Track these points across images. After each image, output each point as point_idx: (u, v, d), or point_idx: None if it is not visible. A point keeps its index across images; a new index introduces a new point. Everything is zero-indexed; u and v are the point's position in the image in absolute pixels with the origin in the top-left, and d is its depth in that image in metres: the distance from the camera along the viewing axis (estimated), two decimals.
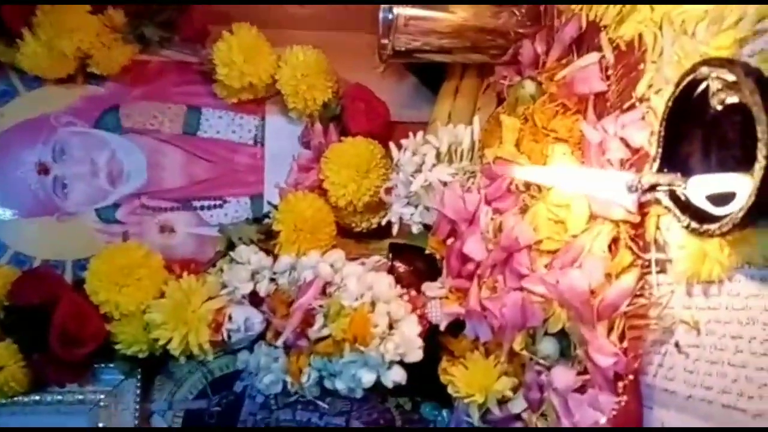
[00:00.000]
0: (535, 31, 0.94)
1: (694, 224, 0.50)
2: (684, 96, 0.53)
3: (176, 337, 0.99)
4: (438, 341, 0.94)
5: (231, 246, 1.10)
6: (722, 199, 0.49)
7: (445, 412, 1.08)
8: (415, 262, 1.04)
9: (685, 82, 0.52)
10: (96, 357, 1.07)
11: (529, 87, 0.85)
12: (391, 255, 1.05)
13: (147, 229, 1.19)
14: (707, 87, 0.50)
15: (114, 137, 1.20)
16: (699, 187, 0.51)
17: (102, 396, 1.09)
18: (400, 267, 1.04)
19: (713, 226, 0.48)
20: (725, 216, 0.47)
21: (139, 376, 1.10)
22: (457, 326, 0.91)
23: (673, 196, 0.54)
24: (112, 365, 1.09)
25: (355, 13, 1.20)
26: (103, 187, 1.19)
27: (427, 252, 0.99)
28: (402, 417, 1.16)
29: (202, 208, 1.21)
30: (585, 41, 0.80)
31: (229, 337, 1.00)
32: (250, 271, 1.02)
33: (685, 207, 0.52)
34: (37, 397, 1.07)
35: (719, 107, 0.49)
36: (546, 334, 0.75)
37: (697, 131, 0.52)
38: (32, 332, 1.03)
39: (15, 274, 1.08)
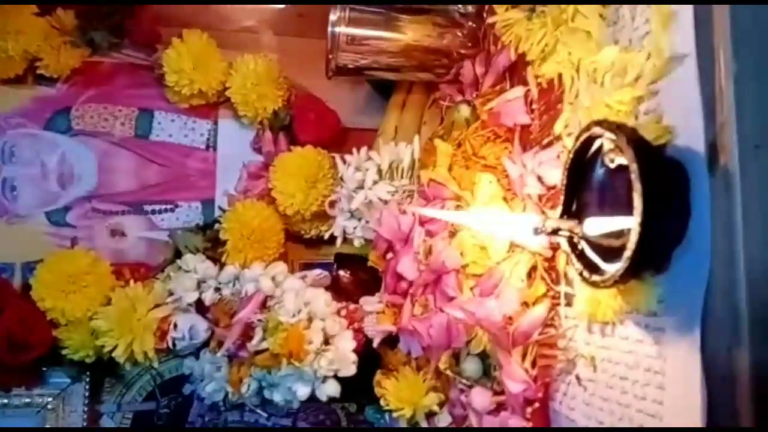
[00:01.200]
0: (475, 52, 0.96)
1: (585, 273, 0.54)
2: (583, 149, 0.55)
3: (121, 345, 1.01)
4: (376, 351, 0.97)
5: (179, 254, 1.12)
6: (612, 251, 0.52)
7: (387, 416, 1.12)
8: (359, 272, 1.07)
9: (583, 137, 0.54)
10: (43, 361, 1.08)
11: (464, 111, 0.88)
12: (336, 265, 1.08)
13: (97, 233, 1.20)
14: (602, 144, 0.53)
15: (64, 139, 1.20)
16: (591, 238, 0.54)
17: (50, 399, 1.11)
18: (345, 277, 1.07)
19: (599, 278, 0.51)
20: (608, 271, 0.50)
21: (87, 379, 1.12)
22: (394, 337, 0.94)
23: (572, 243, 0.57)
24: (59, 368, 1.10)
25: (308, 19, 1.21)
26: (53, 190, 1.19)
27: (369, 263, 1.02)
28: (348, 418, 1.20)
29: (153, 212, 1.22)
30: (516, 71, 0.82)
31: (174, 345, 1.02)
32: (196, 280, 1.04)
33: (581, 254, 0.55)
34: None
35: (611, 165, 0.52)
36: (469, 354, 0.79)
37: (593, 183, 0.55)
38: None
39: None
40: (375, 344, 0.90)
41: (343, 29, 0.93)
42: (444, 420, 0.84)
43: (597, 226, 0.54)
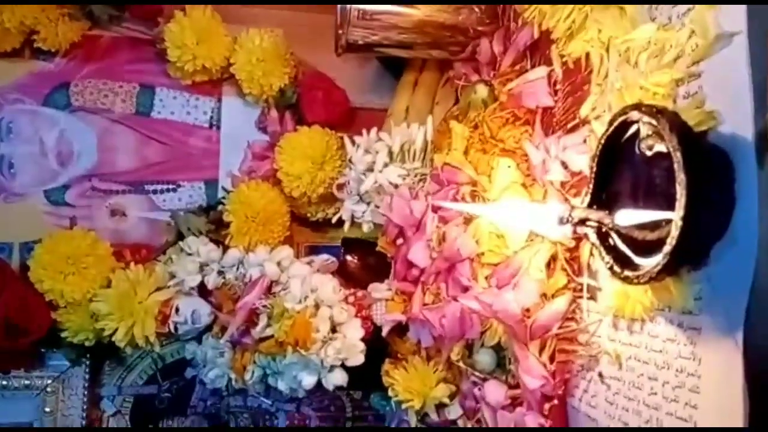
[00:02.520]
0: (493, 29, 0.91)
1: (616, 267, 0.50)
2: (616, 135, 0.52)
3: (122, 329, 0.98)
4: (385, 339, 0.94)
5: (181, 236, 1.09)
6: (646, 244, 0.49)
7: (392, 403, 1.10)
8: (367, 257, 1.04)
9: (617, 122, 0.51)
10: (42, 343, 1.06)
11: (482, 91, 0.84)
12: (343, 249, 1.05)
13: (97, 213, 1.16)
14: (638, 130, 0.49)
15: (63, 116, 1.17)
16: (622, 230, 0.51)
17: (49, 381, 1.08)
18: (352, 262, 1.04)
19: (632, 274, 0.48)
20: (644, 266, 0.47)
21: (87, 362, 1.09)
22: (403, 325, 0.91)
23: (601, 234, 0.53)
24: (59, 351, 1.08)
25: None
26: (52, 168, 1.16)
27: (378, 249, 0.99)
28: (352, 404, 1.18)
29: (154, 191, 1.19)
30: (538, 49, 0.78)
31: (176, 329, 0.99)
32: (199, 264, 1.01)
33: (611, 247, 0.52)
34: None
35: (648, 152, 0.48)
36: (483, 346, 0.76)
37: (627, 171, 0.52)
38: None
39: None
40: (384, 333, 0.87)
41: (355, 4, 0.88)
42: (454, 412, 0.82)
43: (630, 217, 0.50)
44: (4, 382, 1.07)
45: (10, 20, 1.05)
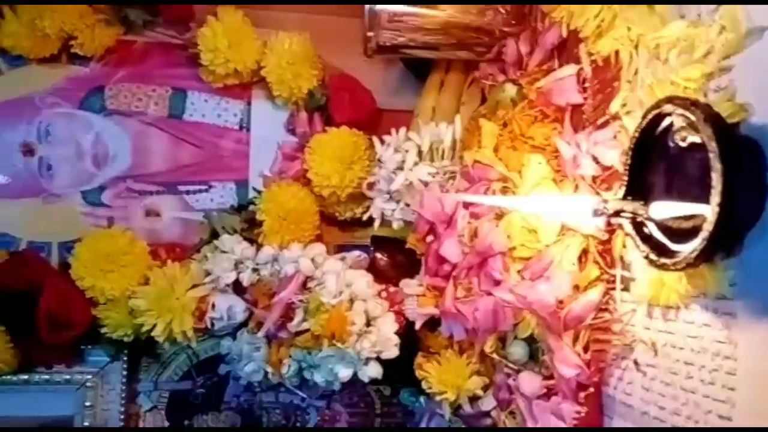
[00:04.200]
0: (519, 30, 0.93)
1: (652, 255, 0.52)
2: (650, 127, 0.54)
3: (160, 324, 1.01)
4: (415, 334, 0.96)
5: (215, 234, 1.12)
6: (681, 233, 0.50)
7: (422, 399, 1.12)
8: (396, 255, 1.06)
9: (651, 115, 0.53)
10: (82, 339, 1.09)
11: (510, 90, 0.86)
12: (372, 247, 1.07)
13: (132, 213, 1.20)
14: (671, 122, 0.51)
15: (99, 119, 1.20)
16: (659, 220, 0.52)
17: (89, 376, 1.12)
18: (382, 259, 1.06)
19: (669, 261, 0.50)
20: (680, 253, 0.49)
21: (125, 358, 1.13)
22: (434, 320, 0.93)
23: (636, 224, 0.55)
24: (98, 347, 1.11)
25: None
26: (89, 170, 1.19)
27: (407, 246, 1.01)
28: (381, 401, 1.20)
29: (187, 192, 1.22)
30: (566, 49, 0.80)
31: (213, 324, 1.02)
32: (234, 261, 1.03)
33: (646, 236, 0.54)
34: (26, 377, 1.10)
35: (682, 143, 0.50)
36: (516, 338, 0.78)
37: (661, 163, 0.54)
38: (19, 315, 1.04)
39: (2, 257, 1.09)
40: (417, 327, 0.89)
41: (385, 6, 0.91)
42: (488, 403, 0.84)
43: (665, 206, 0.52)
44: (47, 377, 1.11)
45: (50, 26, 1.09)
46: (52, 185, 1.18)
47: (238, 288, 1.05)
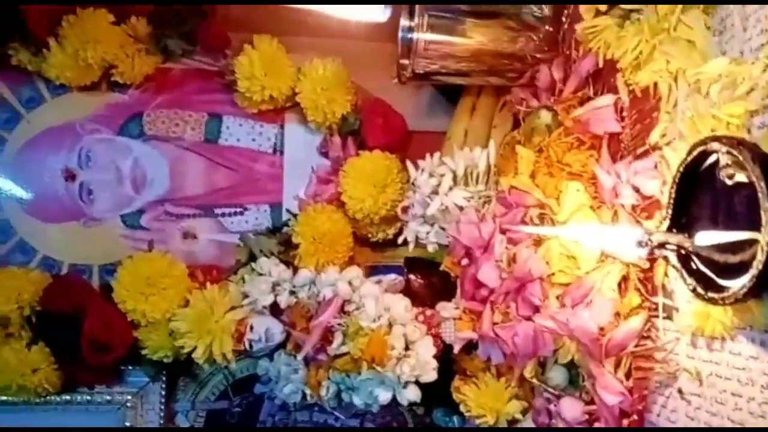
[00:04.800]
0: (552, 56, 0.95)
1: (699, 289, 0.53)
2: (695, 163, 0.55)
3: (200, 346, 1.04)
4: (451, 355, 0.98)
5: (252, 257, 1.14)
6: (727, 267, 0.51)
7: (456, 418, 1.13)
8: (430, 276, 1.07)
9: (696, 152, 0.54)
10: (123, 360, 1.12)
11: (545, 117, 0.87)
12: (406, 269, 1.09)
13: (170, 236, 1.23)
14: (717, 159, 0.52)
15: (137, 144, 1.24)
16: (705, 254, 0.53)
17: (129, 397, 1.15)
18: (416, 281, 1.07)
19: (717, 296, 0.51)
20: (729, 288, 0.50)
21: (164, 378, 1.15)
22: (470, 343, 0.94)
23: (681, 256, 0.56)
24: (138, 368, 1.14)
25: (374, 23, 1.21)
26: (128, 194, 1.23)
27: (441, 268, 1.03)
28: (414, 420, 1.21)
29: (223, 215, 1.25)
30: (601, 77, 0.82)
31: (251, 346, 1.04)
32: (271, 283, 1.06)
33: (692, 269, 0.55)
34: (68, 397, 1.13)
35: (728, 181, 0.51)
36: (556, 363, 0.79)
37: (706, 197, 0.55)
38: (63, 337, 1.08)
39: (45, 280, 1.12)
40: (456, 350, 0.91)
41: (422, 35, 0.93)
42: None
43: (711, 240, 0.53)
44: (88, 397, 1.14)
45: (93, 57, 1.13)
46: (92, 209, 1.22)
47: (274, 309, 1.07)
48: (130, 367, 1.14)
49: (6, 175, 1.20)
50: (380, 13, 0.73)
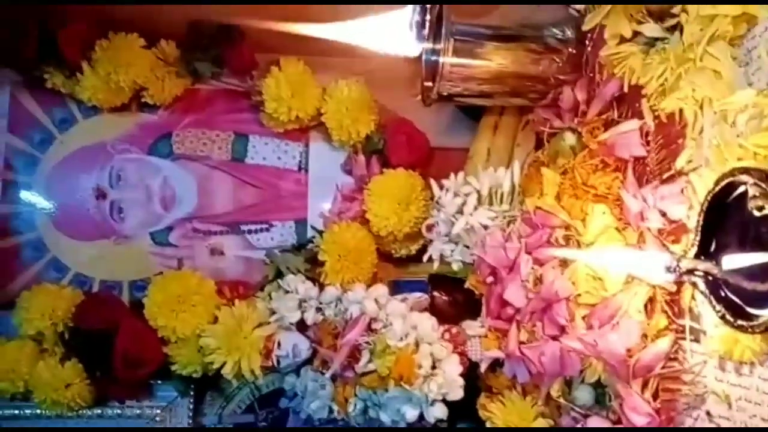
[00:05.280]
0: (575, 78, 0.96)
1: (728, 316, 0.54)
2: (723, 192, 0.56)
3: (230, 362, 1.06)
4: (476, 373, 0.99)
5: (278, 273, 1.16)
6: (756, 294, 0.53)
7: None
8: (455, 293, 1.09)
9: (724, 182, 0.55)
10: (153, 375, 1.14)
11: (570, 139, 0.89)
12: (430, 286, 1.10)
13: (198, 252, 1.26)
14: (746, 190, 0.54)
15: (166, 163, 1.27)
16: (734, 282, 0.55)
17: (158, 411, 1.17)
18: (440, 298, 1.09)
19: (746, 323, 0.52)
20: (759, 316, 0.51)
21: (192, 393, 1.17)
22: (495, 360, 0.96)
23: (709, 283, 0.58)
24: (167, 382, 1.16)
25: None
26: (157, 212, 1.26)
27: (466, 286, 1.04)
28: None
29: (249, 231, 1.27)
30: (626, 101, 0.83)
31: (278, 362, 1.06)
32: (298, 300, 1.08)
33: (720, 296, 0.56)
34: (99, 411, 1.16)
35: (757, 213, 0.53)
36: (582, 382, 0.80)
37: (735, 226, 0.56)
38: (95, 353, 1.11)
39: (78, 296, 1.15)
40: (482, 369, 0.92)
41: (447, 59, 0.95)
42: None
43: (739, 269, 0.55)
44: (119, 411, 1.16)
45: (124, 80, 1.16)
46: (122, 227, 1.25)
47: (301, 326, 1.09)
48: (159, 382, 1.17)
49: (39, 194, 1.23)
50: (415, 48, 0.75)
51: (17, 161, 1.24)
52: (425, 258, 1.08)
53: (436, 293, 1.10)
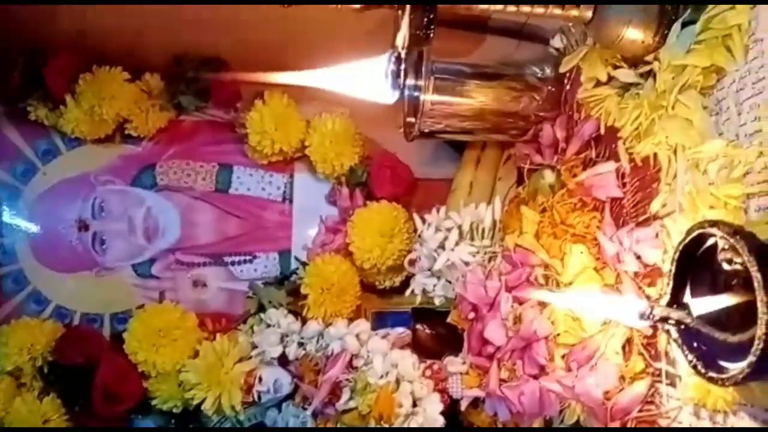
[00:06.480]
0: (554, 115, 0.98)
1: (700, 366, 0.55)
2: (694, 243, 0.57)
3: (210, 398, 1.05)
4: (457, 410, 0.99)
5: (261, 307, 1.16)
6: (729, 346, 0.53)
7: None
8: (437, 327, 1.09)
9: (695, 233, 0.56)
10: (133, 410, 1.13)
11: (549, 177, 0.90)
12: (413, 320, 1.10)
13: (181, 284, 1.25)
14: (716, 243, 0.54)
15: (150, 194, 1.26)
16: (706, 332, 0.55)
17: None
18: (423, 332, 1.09)
19: (716, 375, 0.52)
20: (729, 369, 0.51)
21: (173, 428, 1.16)
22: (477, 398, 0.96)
23: (681, 331, 0.58)
24: (148, 417, 1.15)
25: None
26: (140, 243, 1.25)
27: (448, 320, 1.04)
28: None
29: (232, 263, 1.27)
30: (603, 141, 0.84)
31: (259, 397, 1.05)
32: (280, 335, 1.07)
33: (692, 346, 0.57)
34: None
35: (726, 266, 0.53)
36: (562, 422, 0.80)
37: (706, 277, 0.57)
38: (75, 387, 1.09)
39: (58, 330, 1.15)
40: (463, 408, 0.92)
41: (428, 96, 0.96)
42: None
43: (710, 320, 0.55)
44: None
45: (107, 112, 1.16)
46: (104, 259, 1.24)
47: (282, 360, 1.09)
48: (139, 417, 1.15)
49: (21, 225, 1.23)
50: (390, 96, 0.76)
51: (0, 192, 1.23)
52: (407, 292, 1.08)
53: (419, 326, 1.10)
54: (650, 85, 0.70)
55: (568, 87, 0.95)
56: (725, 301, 0.54)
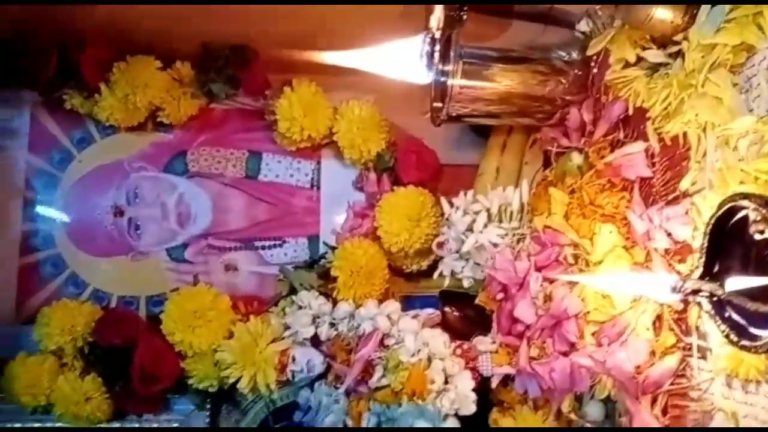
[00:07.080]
0: (581, 99, 0.99)
1: (732, 336, 0.56)
2: (726, 216, 0.58)
3: (245, 377, 1.08)
4: (487, 388, 1.01)
5: (292, 289, 1.19)
6: (760, 315, 0.55)
7: None
8: (465, 308, 1.11)
9: (726, 207, 0.57)
10: (170, 390, 1.17)
11: (576, 159, 0.91)
12: (442, 302, 1.13)
13: (213, 268, 1.28)
14: (747, 215, 0.56)
15: (182, 181, 1.30)
16: (737, 303, 0.57)
17: (176, 424, 1.19)
18: (451, 314, 1.11)
19: (749, 343, 0.54)
20: (762, 337, 0.53)
21: (208, 407, 1.20)
22: (507, 376, 0.98)
23: (713, 303, 0.60)
24: (184, 396, 1.19)
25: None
26: (173, 229, 1.29)
27: (476, 302, 1.06)
28: None
29: (263, 247, 1.30)
30: (631, 122, 0.85)
31: (293, 377, 1.08)
32: (311, 316, 1.10)
33: (725, 316, 0.58)
34: (118, 425, 1.18)
35: (758, 236, 0.55)
36: (593, 398, 0.82)
37: (738, 248, 0.58)
38: (114, 368, 1.13)
39: (96, 312, 1.18)
40: (494, 385, 0.94)
41: (455, 81, 0.97)
42: None
43: (743, 290, 0.57)
44: (137, 425, 1.18)
45: (140, 100, 1.20)
46: (139, 244, 1.28)
47: (314, 340, 1.12)
48: (176, 396, 1.19)
49: (59, 211, 1.27)
50: (425, 77, 0.78)
51: (37, 180, 1.27)
52: (436, 274, 1.10)
53: (447, 309, 1.12)
54: (679, 65, 0.71)
55: (595, 70, 0.96)
56: (757, 272, 0.56)
